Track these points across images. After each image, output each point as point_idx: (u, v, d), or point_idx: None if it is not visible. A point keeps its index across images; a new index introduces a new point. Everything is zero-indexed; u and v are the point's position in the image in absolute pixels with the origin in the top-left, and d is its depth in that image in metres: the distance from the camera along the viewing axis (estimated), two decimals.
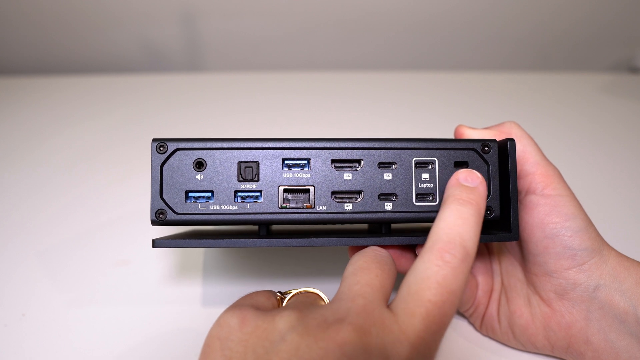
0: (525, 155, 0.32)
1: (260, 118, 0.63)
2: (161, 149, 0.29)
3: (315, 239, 0.29)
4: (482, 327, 0.36)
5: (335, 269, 0.43)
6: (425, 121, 0.63)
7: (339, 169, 0.30)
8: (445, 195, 0.28)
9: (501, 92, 0.71)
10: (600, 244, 0.31)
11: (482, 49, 0.78)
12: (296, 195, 0.30)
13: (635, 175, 0.56)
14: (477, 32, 0.76)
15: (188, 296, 0.40)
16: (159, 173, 0.29)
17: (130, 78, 0.70)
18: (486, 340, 0.36)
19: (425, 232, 0.33)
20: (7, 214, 0.48)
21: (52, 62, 0.75)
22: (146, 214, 0.47)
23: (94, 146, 0.57)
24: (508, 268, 0.35)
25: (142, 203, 0.49)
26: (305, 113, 0.64)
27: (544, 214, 0.31)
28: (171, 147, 0.29)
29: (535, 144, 0.33)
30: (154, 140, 0.29)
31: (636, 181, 0.55)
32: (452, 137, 0.35)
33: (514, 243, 0.35)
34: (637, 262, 0.31)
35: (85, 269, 0.42)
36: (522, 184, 0.32)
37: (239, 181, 0.29)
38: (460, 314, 0.38)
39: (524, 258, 0.34)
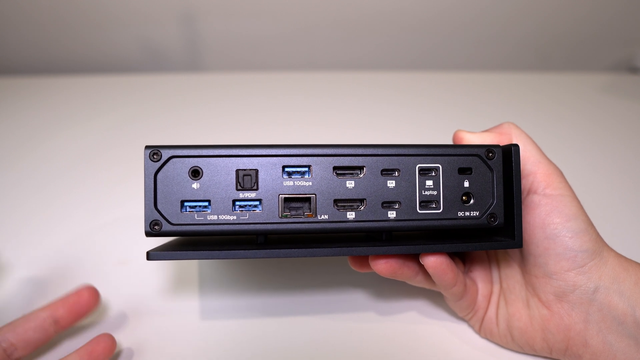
0: (526, 155, 0.32)
1: (260, 118, 0.63)
2: (155, 156, 0.28)
3: (316, 249, 0.28)
4: (481, 330, 0.36)
5: (337, 277, 0.42)
6: (425, 121, 0.63)
7: (341, 177, 0.29)
8: None
9: (501, 92, 0.70)
10: (601, 245, 0.31)
11: (482, 49, 0.78)
12: (297, 204, 0.29)
13: (635, 175, 0.56)
14: (477, 32, 0.76)
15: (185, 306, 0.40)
16: (152, 182, 0.28)
17: (130, 78, 0.70)
18: (485, 342, 0.36)
19: (429, 239, 0.33)
20: (7, 214, 0.48)
21: (52, 62, 0.75)
22: None
23: (94, 146, 0.57)
24: (507, 271, 0.35)
25: (143, 204, 0.48)
26: (305, 113, 0.64)
27: (545, 214, 0.31)
28: (165, 154, 0.28)
29: (535, 143, 0.33)
30: (147, 147, 0.28)
31: (636, 181, 0.55)
32: (451, 138, 0.35)
33: None
34: (636, 262, 0.31)
35: (85, 269, 0.42)
36: (524, 183, 0.32)
37: (238, 190, 0.28)
38: (460, 317, 0.38)
39: (523, 259, 0.33)
